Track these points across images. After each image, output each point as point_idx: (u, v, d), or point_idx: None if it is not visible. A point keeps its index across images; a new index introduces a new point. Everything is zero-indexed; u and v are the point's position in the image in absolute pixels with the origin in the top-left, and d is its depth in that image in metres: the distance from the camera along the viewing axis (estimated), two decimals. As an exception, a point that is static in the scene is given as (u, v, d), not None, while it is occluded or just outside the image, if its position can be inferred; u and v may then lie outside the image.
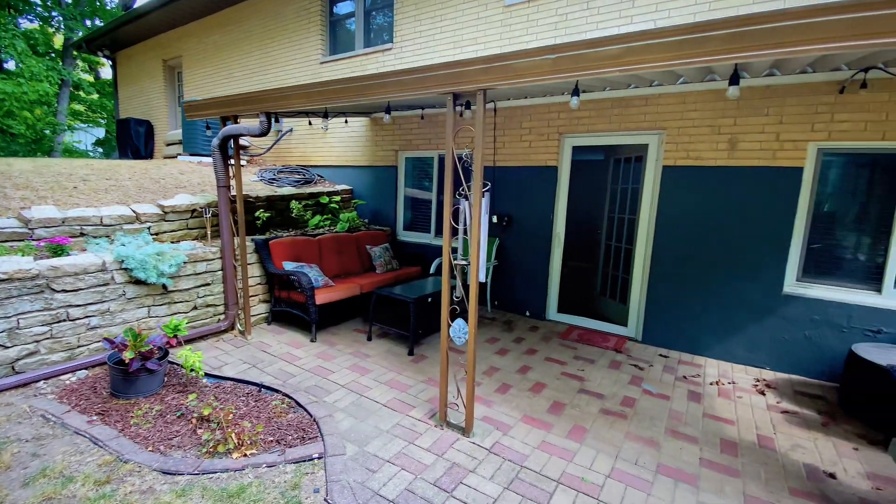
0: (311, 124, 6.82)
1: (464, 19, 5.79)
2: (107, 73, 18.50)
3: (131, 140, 10.03)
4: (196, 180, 6.21)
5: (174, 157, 8.24)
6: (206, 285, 4.58)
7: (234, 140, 4.44)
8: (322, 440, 2.89)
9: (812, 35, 1.80)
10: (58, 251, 3.74)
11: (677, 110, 4.53)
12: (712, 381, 4.05)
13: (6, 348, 3.35)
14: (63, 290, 3.57)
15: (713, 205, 4.41)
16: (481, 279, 3.01)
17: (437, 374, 3.92)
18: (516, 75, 2.53)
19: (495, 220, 5.84)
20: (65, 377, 3.58)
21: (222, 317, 4.77)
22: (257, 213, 5.51)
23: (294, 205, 6.04)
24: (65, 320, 3.62)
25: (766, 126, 4.12)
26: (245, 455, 2.71)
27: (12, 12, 14.00)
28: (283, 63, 8.01)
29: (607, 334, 5.21)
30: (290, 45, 7.86)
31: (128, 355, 3.24)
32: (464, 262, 3.18)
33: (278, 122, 7.88)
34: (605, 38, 2.23)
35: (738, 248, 4.32)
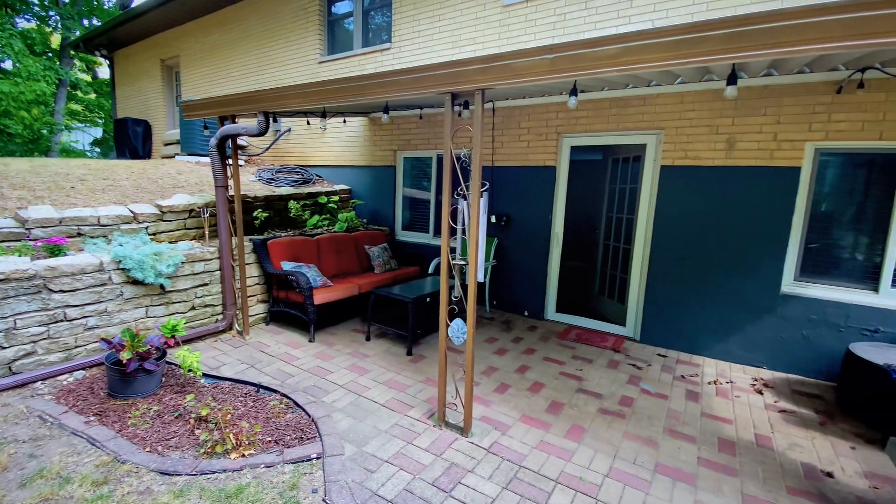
0: (309, 124, 6.81)
1: (462, 19, 5.79)
2: (104, 72, 18.47)
3: (129, 140, 10.01)
4: (194, 180, 6.20)
5: (172, 157, 8.23)
6: (204, 285, 4.57)
7: (231, 140, 4.43)
8: (320, 440, 2.89)
9: (809, 35, 1.80)
10: (55, 251, 3.73)
11: (675, 110, 4.53)
12: (710, 381, 4.05)
13: (3, 349, 3.34)
14: (60, 291, 3.56)
15: (711, 205, 4.42)
16: (480, 279, 3.01)
17: (436, 373, 3.92)
18: (514, 75, 2.53)
19: (494, 220, 5.84)
20: (62, 378, 3.57)
21: (220, 317, 4.76)
22: (255, 212, 5.50)
23: (292, 205, 6.03)
24: (62, 320, 3.61)
25: (763, 126, 4.13)
26: (243, 455, 2.70)
27: (9, 11, 13.96)
28: (282, 63, 8.00)
29: (606, 334, 5.21)
30: (288, 44, 7.85)
31: (125, 356, 3.23)
32: (462, 261, 3.18)
33: (276, 121, 7.87)
34: (602, 38, 2.23)
35: (736, 248, 4.32)
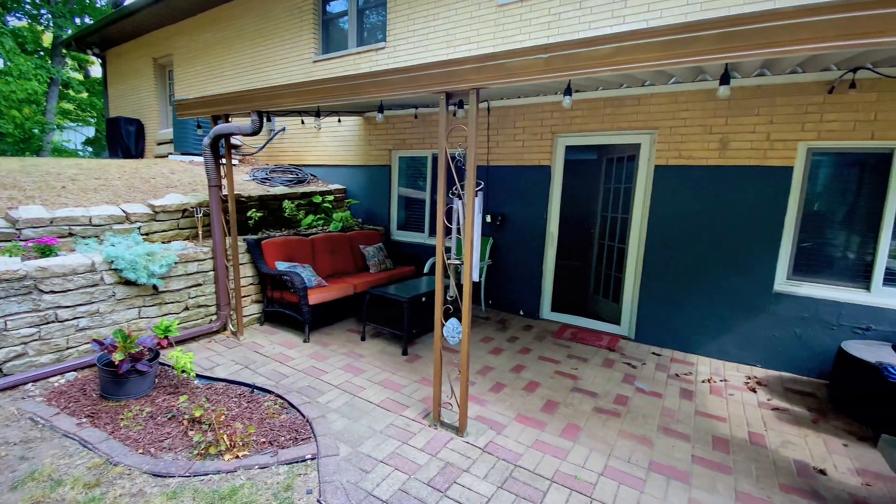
0: (303, 123, 6.78)
1: (457, 18, 5.78)
2: (96, 71, 18.29)
3: (121, 139, 9.92)
4: (187, 180, 6.16)
5: (165, 156, 8.18)
6: (198, 286, 4.54)
7: (225, 139, 4.41)
8: (315, 441, 2.88)
9: (802, 35, 1.81)
10: (46, 252, 3.69)
11: (669, 110, 4.55)
12: (704, 379, 4.08)
13: (-7, 350, 3.30)
14: (51, 291, 3.53)
15: (705, 204, 4.44)
16: (475, 278, 3.01)
17: (431, 373, 3.91)
18: (509, 74, 2.53)
19: (489, 220, 5.85)
20: (53, 379, 3.53)
21: (214, 317, 4.73)
22: (249, 212, 5.47)
23: (287, 204, 6.00)
24: (53, 322, 3.58)
25: (756, 126, 4.16)
26: (237, 457, 2.69)
27: (0, 10, 13.80)
28: (276, 62, 7.96)
29: (600, 333, 5.23)
30: (282, 43, 7.82)
31: (117, 357, 3.20)
32: (457, 261, 3.17)
33: (270, 120, 7.85)
34: (596, 37, 2.23)
35: (730, 247, 4.35)
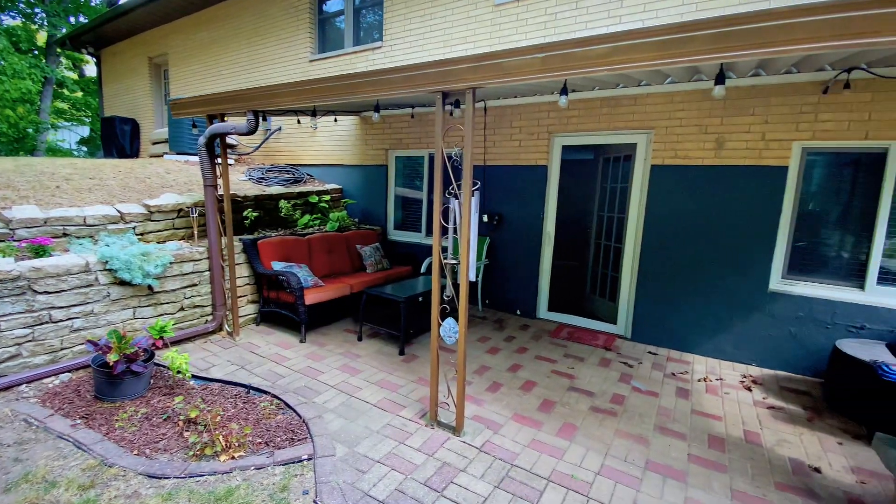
0: (300, 123, 6.75)
1: (453, 18, 5.78)
2: (91, 70, 18.19)
3: (116, 139, 9.86)
4: (182, 179, 6.13)
5: (160, 155, 8.13)
6: (194, 286, 4.52)
7: (221, 139, 4.39)
8: (311, 441, 2.87)
9: (797, 35, 1.81)
10: (39, 252, 3.67)
11: (665, 110, 4.56)
12: (700, 378, 4.09)
13: (-14, 351, 3.28)
14: (45, 292, 3.50)
15: (701, 203, 4.45)
16: (472, 278, 3.01)
17: (428, 373, 3.92)
18: (505, 74, 2.53)
19: (486, 220, 5.85)
20: (48, 380, 3.51)
21: (210, 318, 4.71)
22: (245, 212, 5.45)
23: (283, 204, 5.98)
24: (47, 322, 3.55)
25: (751, 126, 4.17)
26: (233, 457, 2.67)
27: (-7, 8, 13.72)
28: (273, 61, 7.93)
29: (597, 332, 5.24)
30: (279, 42, 7.79)
31: (112, 357, 3.18)
32: (454, 261, 3.17)
33: (266, 120, 7.82)
34: (592, 37, 2.24)
35: (725, 247, 4.37)
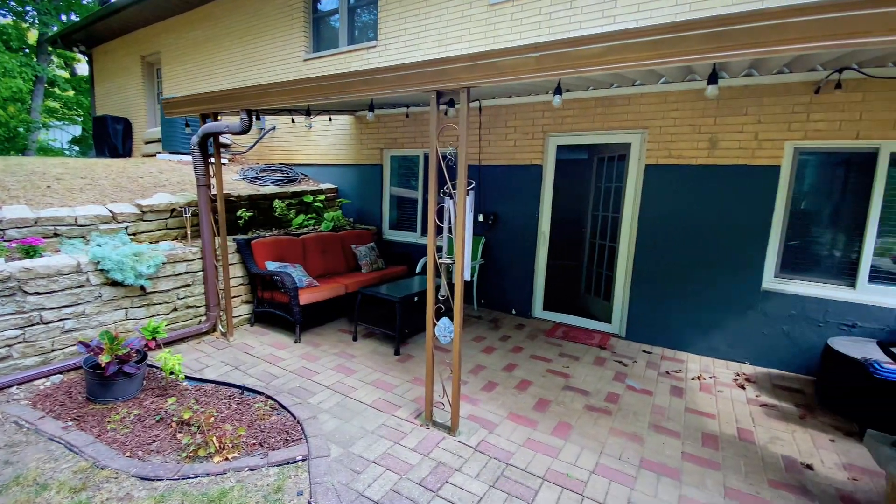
0: (294, 122, 6.72)
1: (448, 17, 5.77)
2: (83, 69, 18.02)
3: (108, 138, 9.78)
4: (175, 179, 6.08)
5: (153, 155, 8.08)
6: (187, 286, 4.49)
7: (214, 138, 4.36)
8: (306, 442, 2.85)
9: (789, 35, 1.82)
10: (30, 252, 3.62)
11: (659, 110, 4.58)
12: (694, 377, 4.11)
13: (-25, 353, 3.24)
14: (36, 293, 3.46)
15: (694, 203, 4.47)
16: (466, 278, 3.01)
17: (423, 373, 3.91)
18: (500, 73, 2.53)
19: (481, 219, 5.85)
20: (39, 382, 3.47)
21: (203, 318, 4.68)
22: (239, 212, 5.42)
23: (277, 204, 5.95)
24: (38, 323, 3.51)
25: (744, 125, 4.20)
26: (227, 459, 2.66)
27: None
28: (266, 60, 7.89)
29: (592, 331, 5.25)
30: (273, 41, 7.75)
31: (104, 359, 3.15)
32: (449, 260, 3.17)
33: (260, 119, 7.78)
34: (586, 36, 2.24)
35: (719, 246, 4.39)
